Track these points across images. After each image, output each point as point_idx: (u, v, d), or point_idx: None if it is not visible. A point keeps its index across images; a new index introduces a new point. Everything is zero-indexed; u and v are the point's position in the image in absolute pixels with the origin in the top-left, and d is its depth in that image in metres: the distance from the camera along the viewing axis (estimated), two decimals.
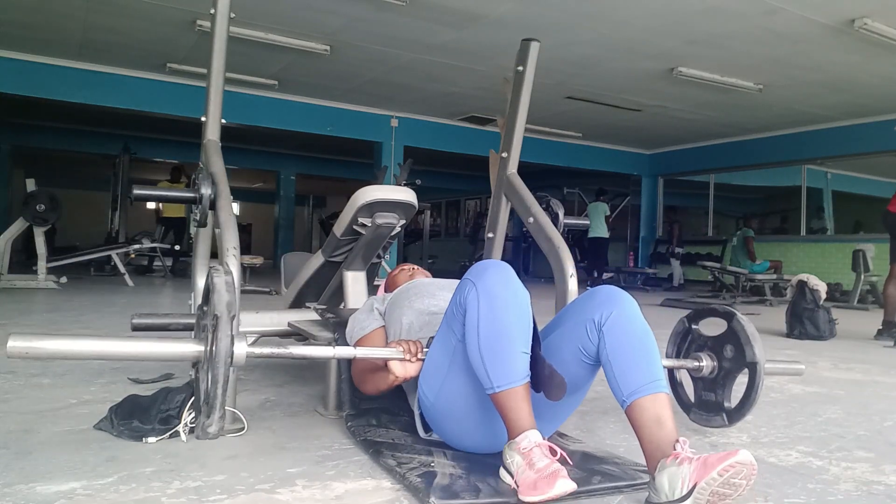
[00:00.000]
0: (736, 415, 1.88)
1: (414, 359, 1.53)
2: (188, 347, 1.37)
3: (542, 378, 1.40)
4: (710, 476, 1.18)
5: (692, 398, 2.02)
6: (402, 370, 1.53)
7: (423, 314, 1.76)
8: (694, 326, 2.02)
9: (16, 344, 1.23)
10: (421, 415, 1.65)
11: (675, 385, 2.09)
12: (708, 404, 1.94)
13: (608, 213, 10.56)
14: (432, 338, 1.57)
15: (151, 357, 1.36)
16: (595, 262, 10.72)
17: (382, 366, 1.59)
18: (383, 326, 1.85)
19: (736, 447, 1.82)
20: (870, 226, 10.13)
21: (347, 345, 1.95)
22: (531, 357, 1.41)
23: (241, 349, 1.33)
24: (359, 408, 1.85)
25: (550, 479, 1.22)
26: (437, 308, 1.76)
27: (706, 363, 1.91)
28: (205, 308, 1.43)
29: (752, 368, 1.82)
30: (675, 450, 1.28)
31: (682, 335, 2.04)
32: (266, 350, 1.42)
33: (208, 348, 1.32)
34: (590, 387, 1.61)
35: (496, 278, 1.43)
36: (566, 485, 1.21)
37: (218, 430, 1.30)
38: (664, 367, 1.85)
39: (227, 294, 1.32)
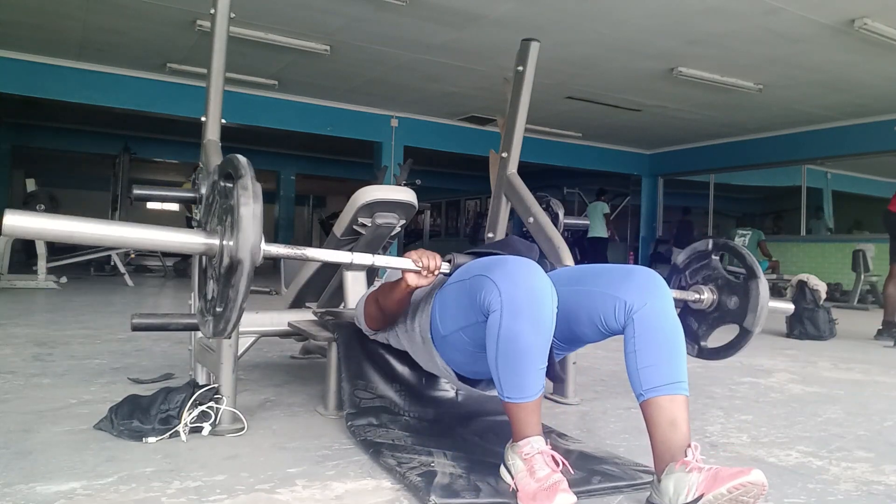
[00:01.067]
0: (708, 354, 1.90)
1: (430, 274, 1.49)
2: (196, 238, 1.27)
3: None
4: (718, 490, 1.16)
5: (701, 338, 1.98)
6: (415, 280, 1.49)
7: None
8: (715, 256, 1.94)
9: (12, 220, 1.15)
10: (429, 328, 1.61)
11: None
12: (687, 329, 1.89)
13: (607, 210, 10.54)
14: (454, 255, 1.54)
15: (154, 244, 1.26)
16: (595, 262, 10.73)
17: (396, 298, 1.57)
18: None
19: (736, 446, 1.82)
20: (870, 225, 10.15)
21: (348, 343, 1.95)
22: None
23: (263, 245, 1.25)
24: (359, 407, 1.85)
25: (550, 491, 1.21)
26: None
27: (706, 297, 1.87)
28: (221, 184, 1.31)
29: (744, 334, 1.81)
30: (686, 456, 1.26)
31: (699, 256, 1.97)
32: (283, 249, 1.35)
33: (223, 241, 1.23)
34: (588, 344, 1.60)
35: (523, 289, 1.34)
36: (566, 499, 1.20)
37: (229, 335, 1.23)
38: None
39: (254, 200, 1.21)
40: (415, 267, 1.48)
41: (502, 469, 1.39)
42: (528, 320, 1.32)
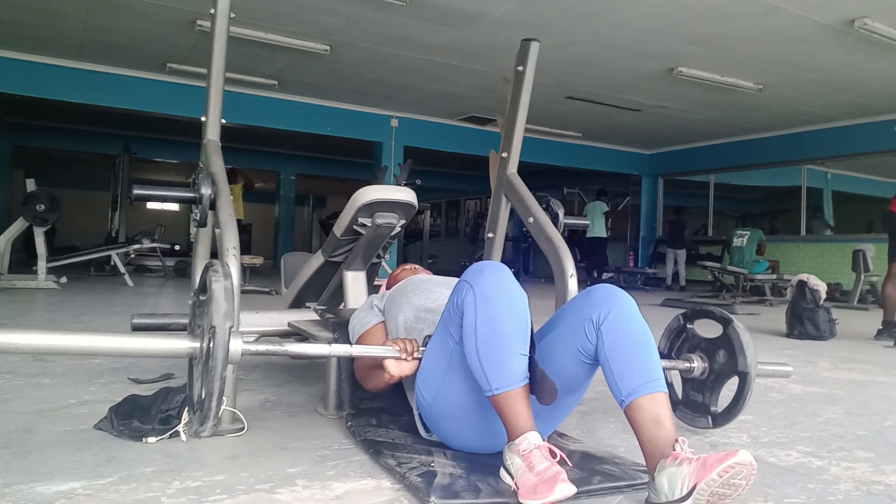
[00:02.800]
0: (721, 419, 1.88)
1: (410, 357, 1.53)
2: (181, 344, 1.35)
3: (534, 382, 1.40)
4: (709, 477, 1.18)
5: (680, 396, 2.03)
6: (397, 369, 1.53)
7: (420, 310, 1.76)
8: (689, 326, 2.01)
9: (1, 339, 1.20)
10: (420, 415, 1.65)
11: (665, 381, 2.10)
12: (695, 404, 1.95)
13: (606, 209, 10.51)
14: (429, 336, 1.57)
15: (142, 353, 1.35)
16: (594, 261, 10.72)
17: (381, 364, 1.59)
18: (383, 322, 1.85)
19: (736, 447, 1.82)
20: (872, 226, 10.15)
21: (347, 340, 1.95)
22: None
23: (237, 346, 1.32)
24: (359, 407, 1.85)
25: (550, 482, 1.22)
26: (434, 304, 1.76)
27: (697, 364, 1.91)
28: (200, 298, 1.41)
29: (743, 378, 1.82)
30: (674, 450, 1.28)
31: (676, 332, 2.04)
32: (262, 347, 1.42)
33: (203, 345, 1.30)
34: (588, 386, 1.61)
35: (493, 280, 1.42)
36: (566, 489, 1.21)
37: (211, 433, 1.31)
38: None
39: (225, 301, 1.31)
40: (394, 353, 1.52)
41: (502, 471, 1.39)
42: (502, 304, 1.39)
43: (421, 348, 1.56)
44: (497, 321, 1.38)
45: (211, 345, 1.26)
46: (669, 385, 2.07)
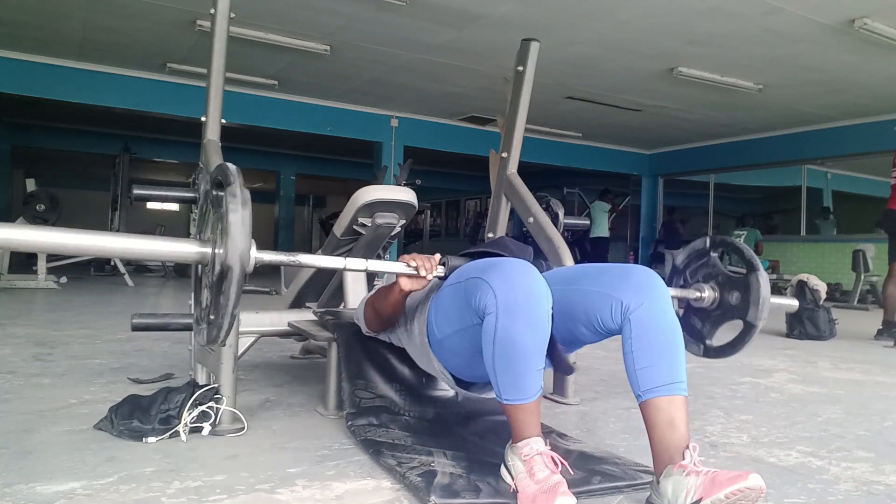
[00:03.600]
0: (714, 353, 1.89)
1: (423, 278, 1.50)
2: (190, 247, 1.28)
3: (551, 356, 1.40)
4: (716, 496, 1.16)
5: (680, 314, 1.99)
6: (409, 285, 1.51)
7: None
8: (713, 253, 1.94)
9: (6, 234, 1.14)
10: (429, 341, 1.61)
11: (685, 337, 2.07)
12: (692, 329, 1.93)
13: (607, 208, 10.50)
14: (448, 257, 1.56)
15: (148, 254, 1.28)
16: (597, 261, 10.70)
17: (392, 302, 1.59)
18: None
19: (736, 447, 1.82)
20: (869, 225, 10.14)
21: (348, 343, 1.95)
22: None
23: (253, 252, 1.26)
24: (359, 407, 1.85)
25: (550, 494, 1.21)
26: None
27: (707, 294, 1.88)
28: (215, 196, 1.33)
29: (748, 328, 1.81)
30: (683, 458, 1.26)
31: (698, 254, 1.97)
32: (276, 256, 1.36)
33: (216, 250, 1.23)
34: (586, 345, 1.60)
35: (518, 290, 1.33)
36: (566, 502, 1.19)
37: (222, 343, 1.24)
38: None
39: (244, 207, 1.22)
40: (408, 270, 1.49)
41: (503, 469, 1.39)
42: (525, 321, 1.31)
43: (439, 266, 1.54)
44: (517, 337, 1.31)
45: (227, 255, 1.19)
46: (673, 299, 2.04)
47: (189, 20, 6.05)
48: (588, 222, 2.95)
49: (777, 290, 8.35)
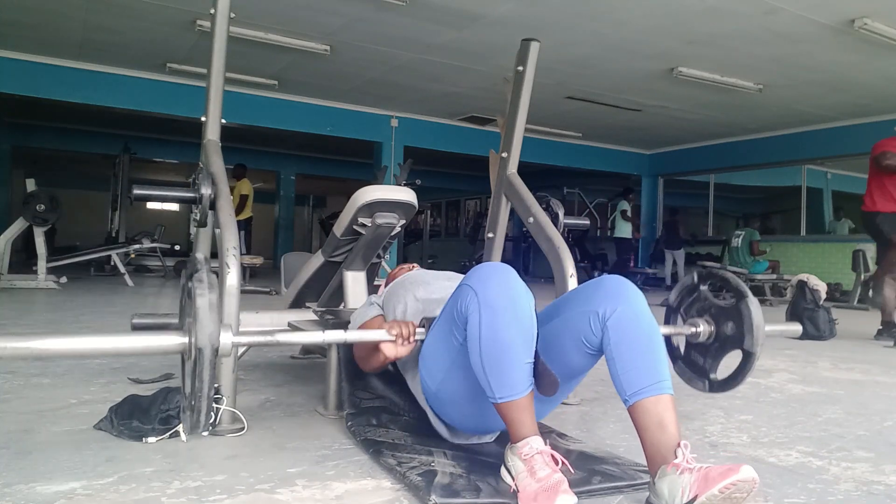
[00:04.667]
0: (718, 388, 1.86)
1: (406, 343, 1.52)
2: (171, 340, 1.29)
3: (536, 374, 1.39)
4: (710, 492, 1.17)
5: (682, 351, 1.98)
6: (393, 351, 1.52)
7: (419, 301, 1.76)
8: (702, 287, 1.94)
9: None
10: (426, 399, 1.65)
11: (684, 373, 2.01)
12: (695, 365, 1.91)
13: (626, 208, 10.37)
14: (427, 319, 1.57)
15: (132, 352, 1.31)
16: (618, 265, 10.65)
17: (377, 346, 1.58)
18: (383, 315, 1.83)
19: (736, 447, 1.82)
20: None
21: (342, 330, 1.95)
22: None
23: (227, 338, 1.27)
24: (359, 407, 1.85)
25: (551, 492, 1.21)
26: (435, 295, 1.75)
27: (703, 329, 1.86)
28: (188, 288, 1.36)
29: (747, 357, 1.79)
30: (675, 457, 1.27)
31: (688, 290, 1.98)
32: (253, 338, 1.38)
33: (191, 339, 1.25)
34: (588, 371, 1.59)
35: (498, 287, 1.38)
36: (567, 500, 1.20)
37: (205, 431, 1.27)
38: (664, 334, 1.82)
39: (210, 290, 1.25)
40: (389, 337, 1.50)
41: (503, 470, 1.39)
42: (507, 314, 1.35)
43: (419, 329, 1.55)
44: (502, 331, 1.34)
45: (196, 339, 1.22)
46: (668, 339, 2.00)
47: (189, 20, 6.05)
48: (588, 222, 2.95)
49: (778, 290, 8.36)
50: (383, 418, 1.81)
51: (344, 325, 1.97)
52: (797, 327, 2.12)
